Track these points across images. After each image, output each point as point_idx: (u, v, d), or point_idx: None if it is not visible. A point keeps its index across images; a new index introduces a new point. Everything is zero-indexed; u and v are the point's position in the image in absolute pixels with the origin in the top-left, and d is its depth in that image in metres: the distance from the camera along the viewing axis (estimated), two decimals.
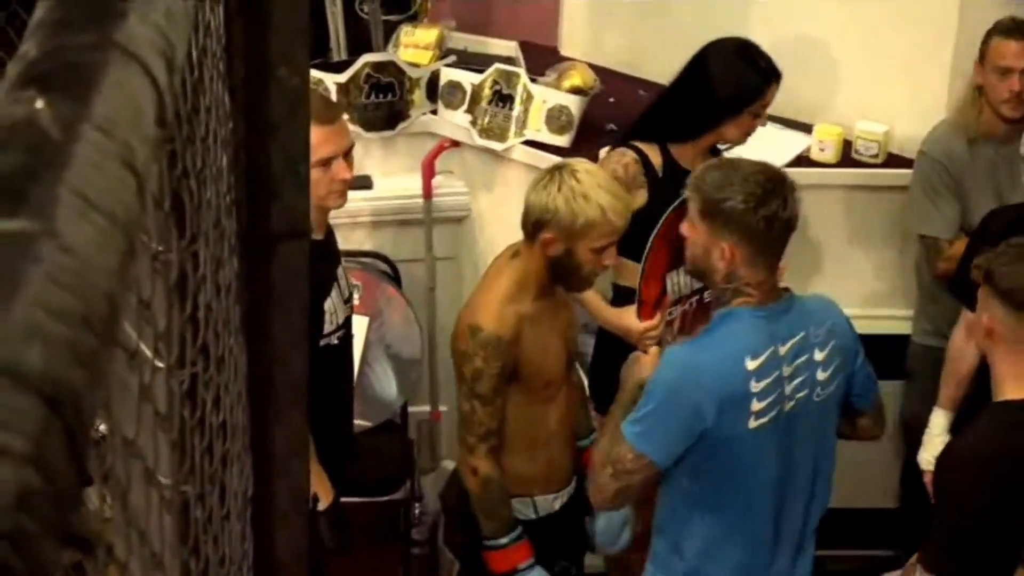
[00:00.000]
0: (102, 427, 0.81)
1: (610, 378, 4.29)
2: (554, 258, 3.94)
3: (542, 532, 4.17)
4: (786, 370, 3.62)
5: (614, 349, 4.50)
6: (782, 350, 3.62)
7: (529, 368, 4.01)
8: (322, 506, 4.04)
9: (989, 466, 3.63)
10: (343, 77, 5.40)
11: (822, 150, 5.21)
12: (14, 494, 0.55)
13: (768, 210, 3.55)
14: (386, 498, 5.29)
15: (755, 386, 3.59)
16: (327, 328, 4.09)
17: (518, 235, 4.04)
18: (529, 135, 5.34)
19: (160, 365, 1.04)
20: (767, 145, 5.16)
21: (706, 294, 4.57)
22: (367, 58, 5.46)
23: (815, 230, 5.16)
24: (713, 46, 4.54)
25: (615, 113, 5.34)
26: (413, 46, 5.61)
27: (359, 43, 5.69)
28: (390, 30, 5.72)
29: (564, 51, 5.94)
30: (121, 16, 0.85)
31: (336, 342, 4.19)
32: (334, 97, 5.34)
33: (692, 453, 3.61)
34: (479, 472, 4.03)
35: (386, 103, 5.45)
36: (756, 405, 3.59)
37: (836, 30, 5.32)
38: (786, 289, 3.74)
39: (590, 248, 3.92)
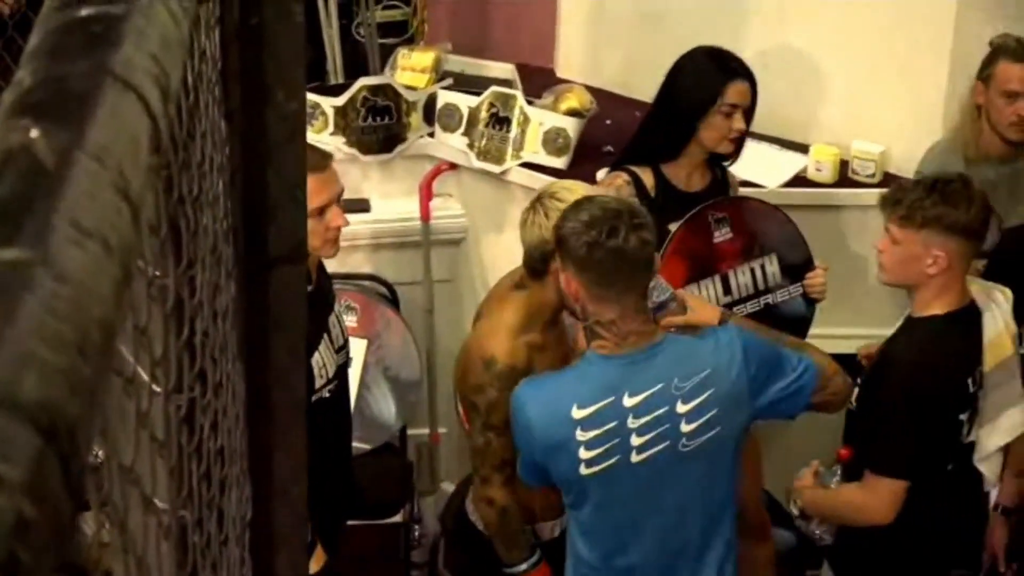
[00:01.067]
0: (100, 453, 0.81)
1: None
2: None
3: (546, 557, 4.17)
4: (633, 421, 3.59)
5: None
6: (629, 401, 3.59)
7: None
8: (314, 569, 4.00)
9: (918, 372, 3.98)
10: (340, 100, 5.40)
11: (819, 170, 5.21)
12: (10, 524, 0.55)
13: (601, 241, 3.47)
14: (385, 521, 5.28)
15: (581, 435, 3.59)
16: (317, 383, 4.05)
17: (516, 257, 4.04)
18: (526, 157, 5.35)
19: (157, 391, 1.04)
20: (764, 165, 5.17)
21: (735, 309, 4.59)
22: (364, 81, 5.47)
23: (812, 251, 5.16)
24: (684, 56, 4.57)
25: (612, 135, 5.34)
26: (410, 69, 5.61)
27: (356, 66, 5.70)
28: (387, 53, 5.73)
29: (561, 73, 5.95)
30: (115, 44, 0.85)
31: (328, 395, 4.16)
32: (331, 121, 5.35)
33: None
34: (495, 503, 4.03)
35: (383, 126, 5.46)
36: (585, 453, 3.60)
37: (832, 50, 5.33)
38: (658, 331, 3.68)
39: None
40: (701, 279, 4.54)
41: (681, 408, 3.59)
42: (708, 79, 4.48)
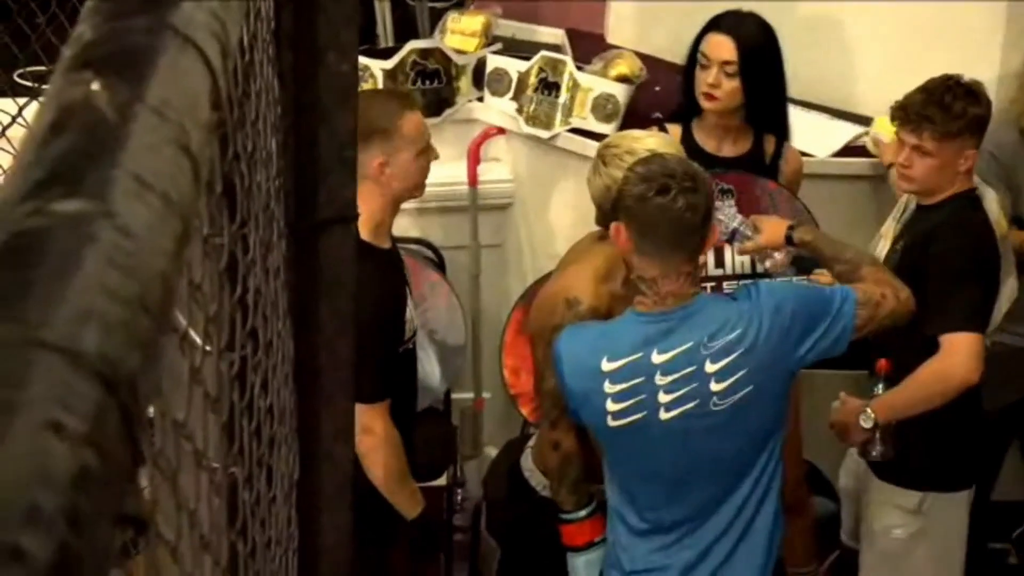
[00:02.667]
0: (151, 409, 0.81)
1: None
2: None
3: None
4: (661, 378, 3.60)
5: None
6: (657, 358, 3.60)
7: None
8: (412, 515, 4.15)
9: (975, 231, 4.21)
10: (389, 64, 5.40)
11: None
12: (72, 473, 0.56)
13: (649, 196, 3.51)
14: (429, 484, 5.29)
15: (609, 387, 3.61)
16: (407, 335, 4.15)
17: (564, 222, 4.05)
18: (575, 123, 5.33)
19: (210, 348, 1.04)
20: (815, 134, 5.14)
21: (725, 285, 4.58)
22: (413, 45, 5.46)
23: (867, 221, 5.13)
24: None
25: (661, 101, 5.32)
26: (459, 33, 5.60)
27: (405, 30, 5.70)
28: (436, 17, 5.72)
29: (611, 39, 5.92)
30: (176, 0, 0.85)
31: (411, 346, 4.26)
32: (380, 84, 5.35)
33: None
34: (561, 446, 4.02)
35: (432, 90, 5.45)
36: (612, 406, 3.62)
37: (883, 20, 5.29)
38: (696, 293, 3.67)
39: None
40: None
41: (710, 367, 3.58)
42: (699, 34, 4.51)
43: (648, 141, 3.98)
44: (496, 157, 5.63)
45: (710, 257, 4.54)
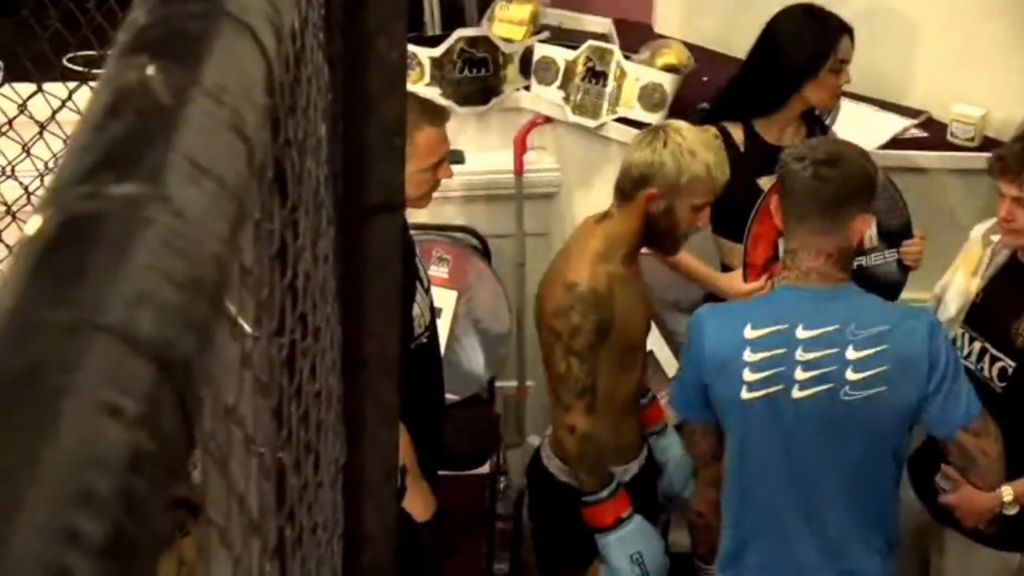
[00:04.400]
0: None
1: None
2: (653, 215, 3.98)
3: None
4: (802, 354, 3.62)
5: None
6: (802, 333, 3.62)
7: (616, 331, 4.02)
8: (424, 517, 4.07)
9: None
10: (437, 51, 5.40)
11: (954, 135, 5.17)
12: (126, 456, 0.56)
13: (790, 165, 3.67)
14: (472, 472, 5.30)
15: (749, 355, 3.63)
16: (417, 331, 4.10)
17: None
18: (622, 112, 5.33)
19: (260, 332, 1.04)
20: (863, 126, 5.12)
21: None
22: (461, 33, 5.46)
23: (913, 214, 5.11)
24: (780, 13, 4.59)
25: (708, 92, 5.31)
26: (507, 21, 5.59)
27: (453, 17, 5.69)
28: (484, 5, 5.71)
29: (658, 29, 5.92)
30: None
31: (425, 340, 4.21)
32: (427, 71, 5.35)
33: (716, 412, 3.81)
34: (577, 429, 4.04)
35: (479, 78, 5.45)
36: (748, 375, 3.64)
37: (931, 10, 5.27)
38: (845, 281, 3.71)
39: (691, 205, 3.97)
40: None
41: (851, 354, 3.62)
42: (818, 37, 4.51)
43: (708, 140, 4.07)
44: (542, 146, 5.64)
45: None
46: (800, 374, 3.62)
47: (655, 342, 5.16)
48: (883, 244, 4.59)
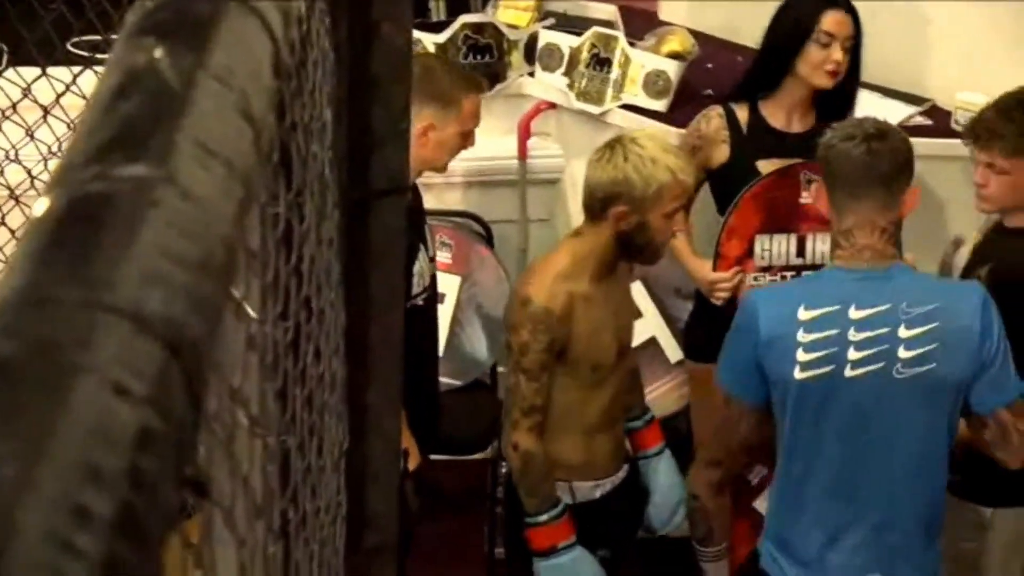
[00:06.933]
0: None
1: (705, 331, 4.59)
2: (626, 233, 3.90)
3: (583, 519, 4.06)
4: (855, 334, 3.62)
5: (714, 304, 4.59)
6: (855, 313, 3.62)
7: (577, 350, 3.93)
8: (409, 469, 4.04)
9: None
10: (441, 37, 5.40)
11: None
12: (134, 435, 0.56)
13: (836, 143, 3.67)
14: (473, 457, 5.30)
15: (802, 336, 3.63)
16: (415, 290, 4.10)
17: None
18: (626, 99, 5.32)
19: (266, 316, 1.05)
20: (867, 113, 5.10)
21: (804, 275, 4.57)
22: (465, 19, 5.46)
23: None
24: None
25: (713, 79, 5.31)
26: (512, 7, 5.59)
27: (458, 4, 5.69)
28: None
29: (663, 16, 5.91)
30: None
31: (421, 303, 4.20)
32: None
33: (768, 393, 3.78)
34: (519, 447, 3.94)
35: (484, 64, 5.44)
36: (802, 356, 3.63)
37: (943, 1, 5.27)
38: (895, 260, 3.73)
39: (662, 215, 3.88)
40: (775, 233, 4.53)
41: (904, 332, 3.63)
42: (801, 9, 4.49)
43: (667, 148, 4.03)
44: (546, 132, 5.63)
45: (792, 243, 4.54)
46: (853, 354, 3.63)
47: (658, 328, 5.16)
48: None
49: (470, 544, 5.45)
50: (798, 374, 3.64)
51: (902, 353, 3.62)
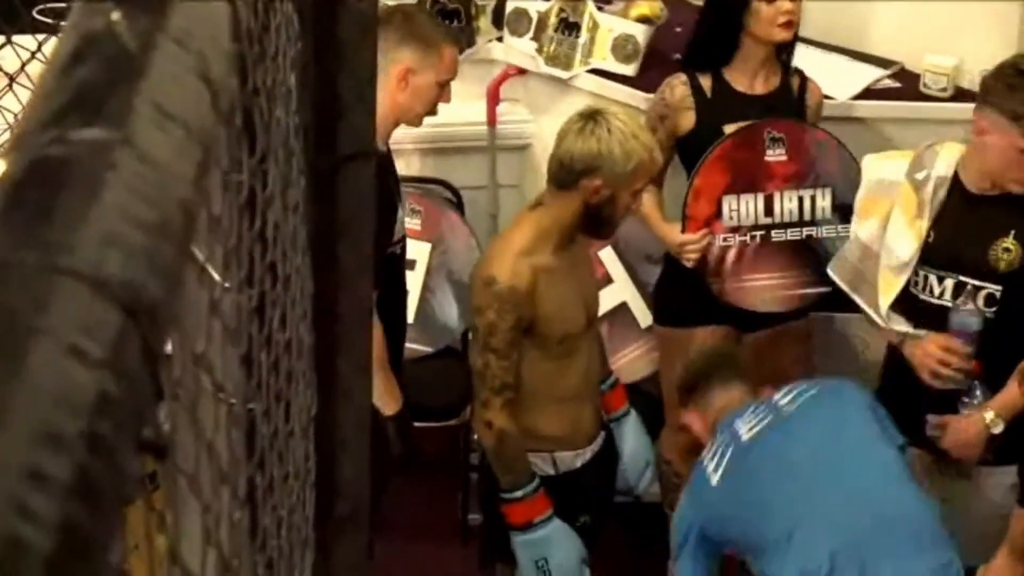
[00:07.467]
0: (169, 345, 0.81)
1: (674, 295, 4.73)
2: (594, 205, 3.90)
3: (564, 488, 4.10)
4: None
5: (682, 268, 4.60)
6: None
7: (545, 323, 3.95)
8: (390, 412, 4.10)
9: None
10: (409, 2, 5.38)
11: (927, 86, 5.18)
12: (90, 398, 0.56)
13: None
14: (445, 423, 5.30)
15: None
16: (395, 236, 4.17)
17: None
18: (595, 63, 5.32)
19: (229, 281, 1.04)
20: (835, 76, 5.12)
21: (774, 233, 4.57)
22: None
23: None
24: None
25: (682, 43, 5.29)
26: None
27: None
28: None
29: None
30: None
31: (398, 252, 4.30)
32: None
33: None
34: (494, 426, 3.96)
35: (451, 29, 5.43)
36: None
37: None
38: None
39: (631, 192, 3.90)
40: (742, 193, 4.54)
41: None
42: None
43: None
44: (515, 97, 5.62)
45: (759, 202, 4.55)
46: None
47: (629, 294, 5.17)
48: (836, 218, 4.59)
49: (443, 511, 5.46)
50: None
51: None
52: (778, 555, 3.67)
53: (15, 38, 2.71)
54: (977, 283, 4.14)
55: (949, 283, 4.16)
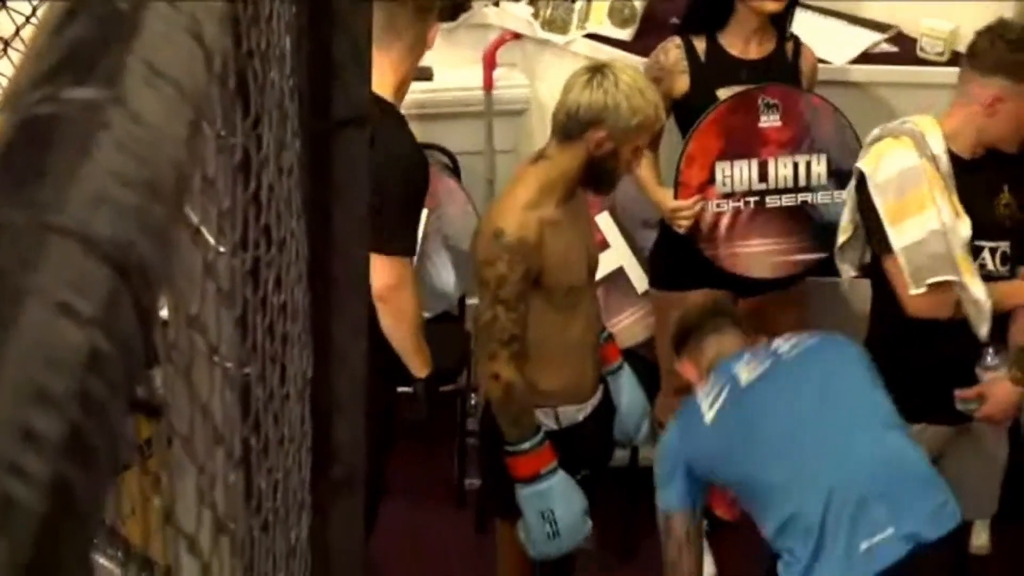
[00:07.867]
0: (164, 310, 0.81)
1: (669, 259, 4.78)
2: (597, 158, 3.91)
3: (565, 442, 4.11)
4: None
5: (678, 233, 4.63)
6: None
7: (551, 274, 3.96)
8: (421, 375, 4.23)
9: None
10: None
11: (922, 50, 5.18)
12: (83, 357, 0.56)
13: None
14: (443, 388, 5.30)
15: None
16: None
17: None
18: (591, 28, 5.31)
19: (223, 243, 1.04)
20: (832, 41, 5.11)
21: (768, 199, 4.57)
22: None
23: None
24: None
25: (678, 7, 5.28)
26: None
27: None
28: None
29: None
30: None
31: None
32: None
33: None
34: (501, 378, 3.98)
35: None
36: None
37: None
38: None
39: (633, 147, 3.92)
40: (736, 159, 4.54)
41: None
42: None
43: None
44: (512, 62, 5.61)
45: (753, 168, 4.55)
46: None
47: (625, 258, 5.17)
48: (832, 184, 4.59)
49: (440, 476, 5.47)
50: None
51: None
52: (773, 496, 3.70)
53: (9, 3, 2.71)
54: (991, 244, 4.19)
55: (986, 253, 4.24)
